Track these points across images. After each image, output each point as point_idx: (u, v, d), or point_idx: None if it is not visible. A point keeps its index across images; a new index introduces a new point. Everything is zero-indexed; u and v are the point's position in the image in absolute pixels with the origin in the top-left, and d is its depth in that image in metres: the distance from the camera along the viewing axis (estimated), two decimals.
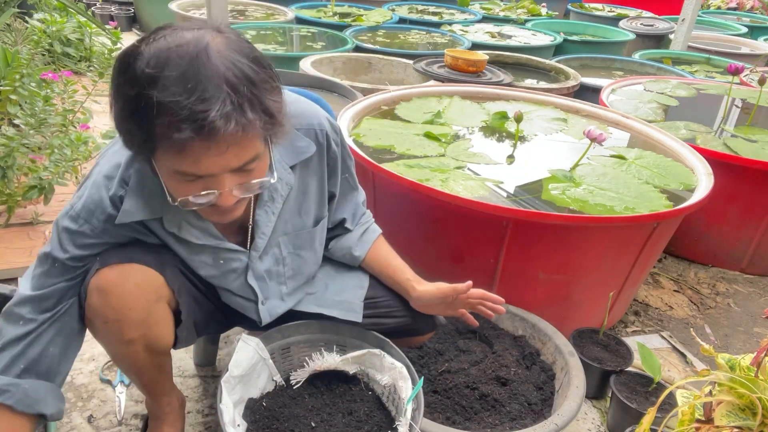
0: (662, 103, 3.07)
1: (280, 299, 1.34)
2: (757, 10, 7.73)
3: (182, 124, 0.84)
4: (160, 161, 0.94)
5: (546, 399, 1.55)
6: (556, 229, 1.74)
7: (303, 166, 1.24)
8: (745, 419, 1.04)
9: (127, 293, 1.10)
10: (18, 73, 2.11)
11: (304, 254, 1.33)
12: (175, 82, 0.84)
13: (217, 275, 1.25)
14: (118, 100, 0.90)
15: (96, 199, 1.08)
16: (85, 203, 1.09)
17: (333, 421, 1.32)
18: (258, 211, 1.20)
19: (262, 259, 1.27)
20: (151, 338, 1.18)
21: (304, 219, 1.30)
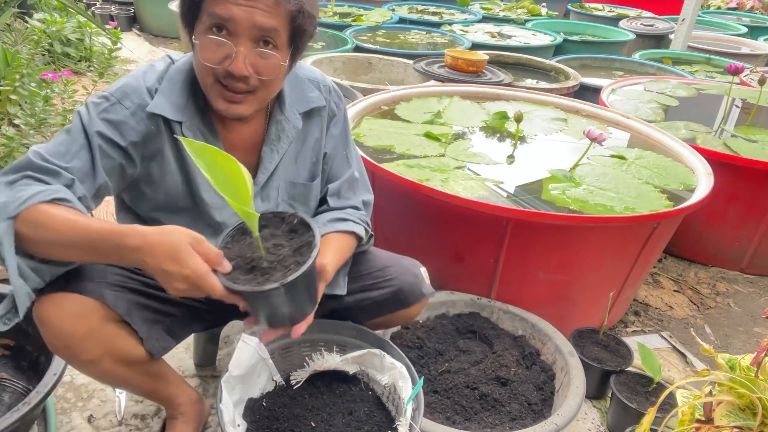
0: (662, 103, 3.07)
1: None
2: (757, 10, 7.73)
3: None
4: (200, 21, 1.08)
5: (546, 399, 1.55)
6: (556, 229, 1.74)
7: (308, 116, 1.31)
8: (745, 419, 1.04)
9: (64, 322, 1.09)
10: (18, 73, 2.11)
11: (297, 206, 1.36)
12: None
13: (217, 205, 1.26)
14: None
15: (133, 85, 1.15)
16: (120, 86, 1.14)
17: (333, 421, 1.32)
18: (264, 148, 1.26)
19: (261, 198, 1.30)
20: (117, 353, 1.17)
21: (299, 168, 1.33)
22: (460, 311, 1.83)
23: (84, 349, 1.12)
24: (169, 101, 1.16)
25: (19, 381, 1.52)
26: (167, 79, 1.17)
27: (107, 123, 1.12)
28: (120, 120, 1.12)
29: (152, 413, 1.58)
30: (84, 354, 1.13)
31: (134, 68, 2.39)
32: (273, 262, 1.00)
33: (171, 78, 1.17)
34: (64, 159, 1.08)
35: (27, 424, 1.36)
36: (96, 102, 1.13)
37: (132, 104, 1.13)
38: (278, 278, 0.96)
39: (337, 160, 1.39)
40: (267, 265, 0.99)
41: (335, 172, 1.40)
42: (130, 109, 1.13)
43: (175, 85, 1.17)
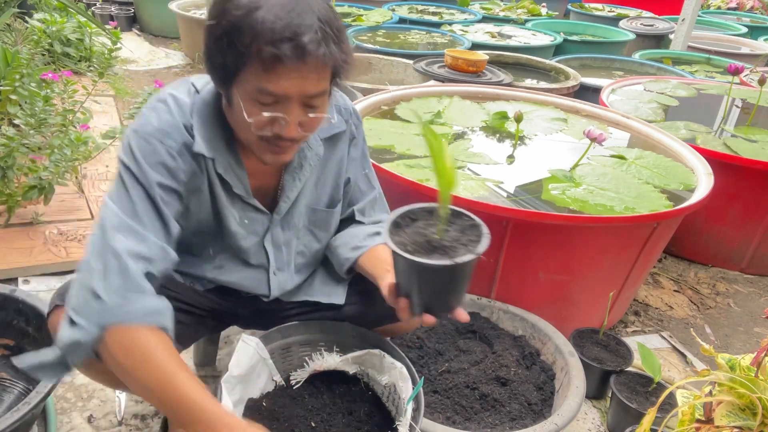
0: (662, 103, 3.07)
1: (289, 274, 1.36)
2: (757, 10, 7.73)
3: (281, 42, 0.95)
4: (242, 83, 1.02)
5: (546, 399, 1.55)
6: (556, 229, 1.74)
7: (329, 141, 1.29)
8: (745, 419, 1.04)
9: None
10: (18, 73, 2.11)
11: (318, 233, 1.35)
12: (278, 8, 0.96)
13: (240, 235, 1.25)
14: (217, 23, 1.00)
15: (170, 122, 1.10)
16: (157, 126, 1.09)
17: (333, 421, 1.32)
18: (285, 176, 1.25)
19: (282, 227, 1.29)
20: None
21: (320, 193, 1.32)
22: None
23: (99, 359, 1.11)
24: (204, 139, 1.13)
25: (19, 381, 1.52)
26: (197, 115, 1.13)
27: (159, 168, 1.08)
28: (168, 163, 1.09)
29: (152, 413, 1.58)
30: (98, 363, 1.10)
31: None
32: (452, 241, 1.01)
33: (200, 113, 1.14)
34: (141, 224, 1.05)
35: (27, 424, 1.36)
36: (139, 146, 1.08)
37: (175, 143, 1.10)
38: (465, 253, 0.98)
39: (359, 182, 1.39)
40: (449, 244, 1.00)
41: (358, 195, 1.40)
42: (175, 149, 1.10)
43: (205, 121, 1.14)
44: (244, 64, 0.99)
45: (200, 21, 4.53)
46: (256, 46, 0.96)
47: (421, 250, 1.00)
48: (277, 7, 0.96)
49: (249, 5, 0.96)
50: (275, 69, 0.98)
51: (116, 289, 0.97)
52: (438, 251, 0.99)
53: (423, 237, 1.02)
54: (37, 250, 2.11)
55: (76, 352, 0.98)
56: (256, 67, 0.98)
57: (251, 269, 1.32)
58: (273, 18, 0.95)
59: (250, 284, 1.33)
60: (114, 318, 0.96)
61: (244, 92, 1.03)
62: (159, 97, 1.14)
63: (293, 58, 0.96)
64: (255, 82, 1.00)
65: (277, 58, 0.96)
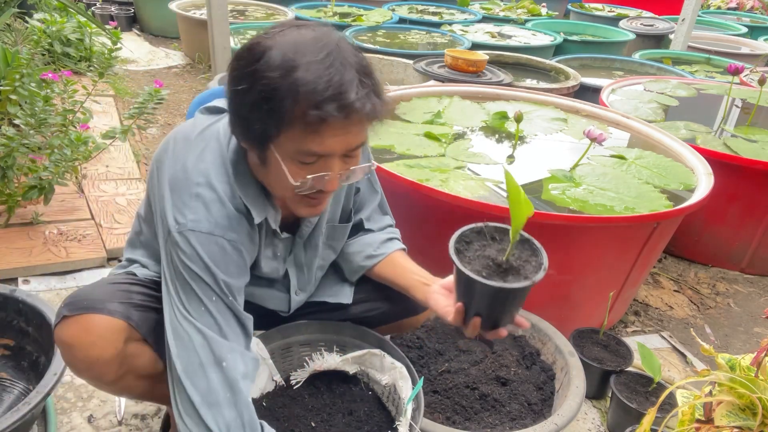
0: (662, 103, 3.07)
1: (305, 291, 1.36)
2: (757, 10, 7.73)
3: (325, 103, 0.91)
4: (282, 144, 0.97)
5: (546, 399, 1.55)
6: (556, 229, 1.74)
7: None
8: (745, 419, 1.04)
9: (90, 346, 1.07)
10: (18, 73, 2.11)
11: (335, 245, 1.36)
12: (316, 66, 0.92)
13: (272, 269, 1.25)
14: (249, 87, 0.94)
15: (223, 212, 1.05)
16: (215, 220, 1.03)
17: (333, 421, 1.32)
18: None
19: (305, 247, 1.29)
20: (137, 369, 1.16)
21: (336, 208, 1.32)
22: None
23: (108, 371, 1.11)
24: (254, 205, 1.10)
25: (19, 381, 1.52)
26: (239, 184, 1.08)
27: (231, 270, 1.05)
28: (237, 259, 1.06)
29: (152, 413, 1.58)
30: (108, 375, 1.12)
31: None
32: (516, 261, 1.10)
33: (241, 181, 1.08)
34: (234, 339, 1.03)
35: (27, 424, 1.36)
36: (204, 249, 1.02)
37: (236, 235, 1.06)
38: (532, 270, 1.07)
39: (364, 189, 1.39)
40: (516, 264, 1.09)
41: (364, 201, 1.40)
42: (237, 241, 1.06)
43: (248, 186, 1.09)
44: (286, 127, 0.95)
45: (200, 21, 4.53)
46: (300, 109, 0.92)
47: (494, 274, 1.07)
48: (315, 65, 0.92)
49: (285, 66, 0.92)
50: (320, 130, 0.94)
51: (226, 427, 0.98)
52: (511, 272, 1.08)
53: (488, 260, 1.10)
54: (37, 250, 2.11)
55: None
56: (299, 129, 0.94)
57: (273, 287, 1.32)
58: (314, 78, 0.91)
59: (270, 302, 1.33)
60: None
61: (285, 153, 0.99)
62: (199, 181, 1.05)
63: (339, 118, 0.93)
64: (298, 143, 0.96)
65: (323, 119, 0.92)
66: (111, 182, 2.66)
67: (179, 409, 1.00)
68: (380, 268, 1.35)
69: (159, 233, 1.09)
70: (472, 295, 1.10)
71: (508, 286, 1.04)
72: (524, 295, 1.09)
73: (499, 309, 1.11)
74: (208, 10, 3.36)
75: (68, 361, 1.12)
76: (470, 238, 1.15)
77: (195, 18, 4.67)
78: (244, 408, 1.00)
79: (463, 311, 1.13)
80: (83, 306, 1.09)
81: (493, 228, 1.16)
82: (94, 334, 1.07)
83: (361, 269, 1.37)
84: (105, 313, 1.09)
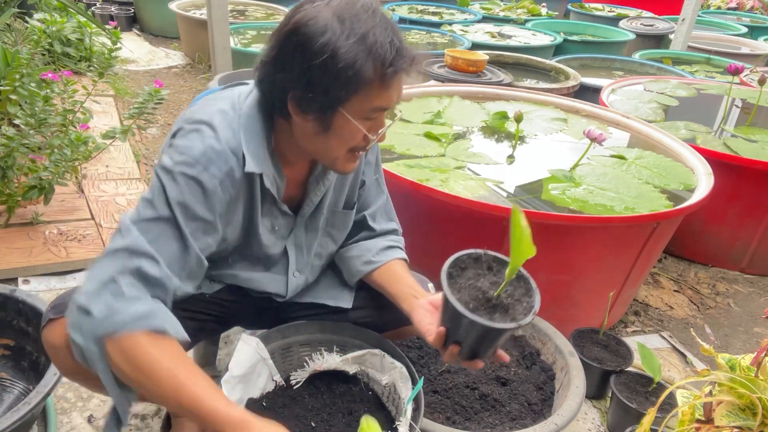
0: (662, 103, 3.07)
1: (306, 275, 1.37)
2: (757, 10, 7.73)
3: (397, 59, 1.01)
4: (354, 106, 1.04)
5: (546, 399, 1.55)
6: (556, 229, 1.74)
7: None
8: (745, 419, 1.04)
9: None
10: (18, 73, 2.11)
11: (335, 234, 1.36)
12: (379, 30, 1.01)
13: (270, 243, 1.26)
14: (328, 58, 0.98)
15: (217, 148, 1.05)
16: (203, 150, 1.03)
17: (333, 421, 1.32)
18: (311, 180, 1.25)
19: (306, 228, 1.30)
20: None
21: (339, 195, 1.33)
22: None
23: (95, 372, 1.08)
24: (253, 155, 1.10)
25: (19, 381, 1.52)
26: (245, 131, 1.09)
27: (196, 197, 1.03)
28: (210, 191, 1.04)
29: (152, 413, 1.58)
30: (96, 378, 1.08)
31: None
32: (508, 298, 1.06)
33: (247, 129, 1.10)
34: (155, 245, 0.99)
35: (27, 424, 1.36)
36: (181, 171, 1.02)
37: (220, 172, 1.05)
38: (522, 312, 1.04)
39: (372, 188, 1.39)
40: (507, 302, 1.06)
41: (369, 199, 1.40)
42: (218, 178, 1.05)
43: (252, 136, 1.10)
44: (364, 88, 1.01)
45: (200, 21, 4.53)
46: (378, 69, 1.00)
47: (481, 307, 1.05)
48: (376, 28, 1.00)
49: (354, 32, 0.99)
50: (389, 85, 1.04)
51: (105, 302, 0.93)
52: (498, 310, 1.05)
53: (479, 292, 1.07)
54: (37, 250, 2.11)
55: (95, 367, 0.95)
56: (374, 88, 1.02)
57: (271, 270, 1.32)
58: (381, 39, 1.00)
59: (268, 284, 1.33)
60: (104, 330, 0.92)
61: (355, 113, 1.05)
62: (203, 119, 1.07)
63: (406, 71, 1.05)
64: (370, 101, 1.04)
65: (396, 74, 1.03)
66: (111, 182, 2.66)
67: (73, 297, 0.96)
68: (377, 274, 1.34)
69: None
70: (455, 324, 1.07)
71: (493, 325, 1.01)
72: (508, 335, 1.07)
73: (480, 343, 1.08)
74: (208, 10, 3.36)
75: (55, 363, 1.10)
76: (466, 264, 1.12)
77: (195, 18, 4.67)
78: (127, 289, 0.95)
79: (444, 336, 1.11)
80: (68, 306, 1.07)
81: (491, 257, 1.12)
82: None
83: (359, 274, 1.37)
84: None
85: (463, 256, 1.12)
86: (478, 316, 1.01)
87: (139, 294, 0.96)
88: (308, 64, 0.99)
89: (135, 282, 0.96)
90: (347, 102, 1.03)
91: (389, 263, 1.34)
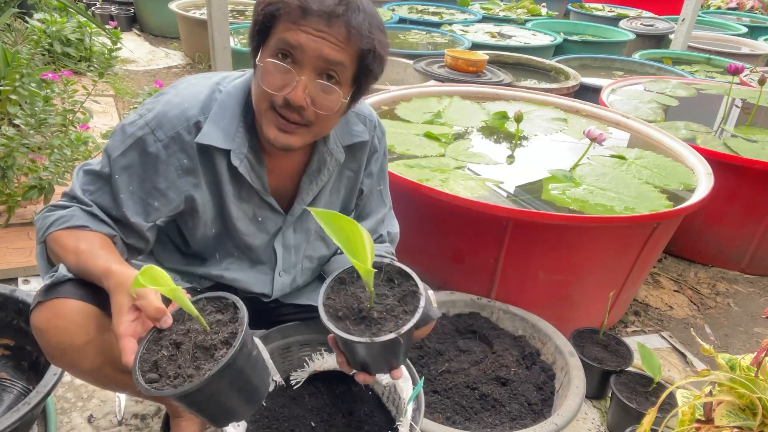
0: (662, 103, 3.07)
1: (293, 276, 1.35)
2: (757, 10, 7.73)
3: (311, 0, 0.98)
4: (267, 45, 1.04)
5: (546, 399, 1.55)
6: (556, 229, 1.74)
7: (350, 150, 1.28)
8: (745, 419, 1.04)
9: (61, 330, 1.06)
10: (18, 73, 2.11)
11: (327, 239, 1.34)
12: None
13: (251, 233, 1.25)
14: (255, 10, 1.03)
15: (170, 115, 1.09)
16: (158, 112, 1.08)
17: (333, 422, 1.32)
18: (303, 179, 1.24)
19: (295, 228, 1.29)
20: (117, 360, 1.10)
21: (333, 199, 1.32)
22: (460, 311, 1.83)
23: (83, 359, 1.09)
24: (219, 128, 1.11)
25: (19, 381, 1.52)
26: (218, 105, 1.12)
27: (140, 158, 1.08)
28: (152, 153, 1.08)
29: (152, 413, 1.58)
30: (83, 363, 1.10)
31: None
32: (382, 312, 0.99)
33: (222, 104, 1.12)
34: (93, 195, 1.12)
35: (27, 424, 1.36)
36: (130, 131, 1.08)
37: (165, 136, 1.08)
38: (391, 328, 0.96)
39: (373, 198, 1.38)
40: (377, 316, 0.98)
41: (369, 210, 1.39)
42: (162, 142, 1.08)
43: (225, 111, 1.12)
44: (274, 24, 1.02)
45: (200, 21, 4.53)
46: (289, 6, 0.99)
47: (349, 316, 0.98)
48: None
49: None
50: (298, 21, 0.99)
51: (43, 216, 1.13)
52: (365, 322, 0.97)
53: (357, 301, 1.00)
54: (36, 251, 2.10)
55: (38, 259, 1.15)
56: (281, 23, 1.01)
57: (257, 269, 1.31)
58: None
59: (254, 284, 1.32)
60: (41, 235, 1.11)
61: (267, 52, 1.04)
62: (176, 86, 1.14)
63: (317, 15, 0.98)
64: (278, 34, 1.02)
65: (304, 10, 0.98)
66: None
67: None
68: None
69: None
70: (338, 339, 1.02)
71: (345, 337, 0.94)
72: (383, 350, 0.99)
73: (357, 356, 1.03)
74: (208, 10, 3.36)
75: (42, 347, 1.10)
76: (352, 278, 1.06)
77: (195, 18, 4.68)
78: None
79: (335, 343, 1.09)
80: (56, 291, 1.08)
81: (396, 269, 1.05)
82: (64, 319, 1.06)
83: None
84: (77, 298, 1.07)
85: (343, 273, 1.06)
86: (335, 326, 0.96)
87: (68, 205, 1.12)
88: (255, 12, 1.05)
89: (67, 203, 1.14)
90: (265, 45, 1.04)
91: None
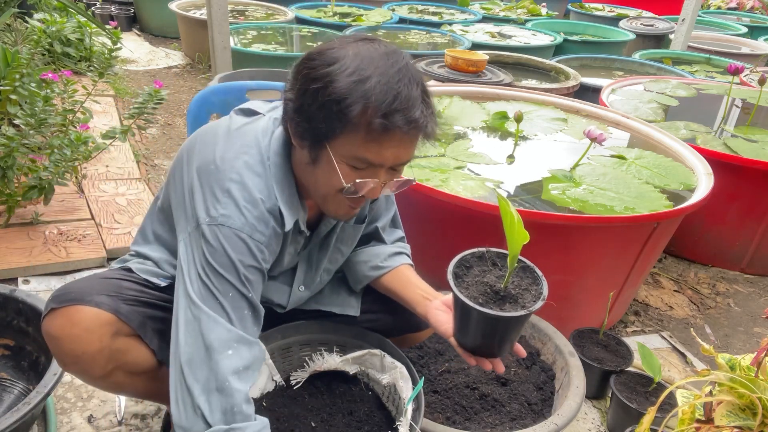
0: (662, 103, 3.07)
1: (308, 289, 1.36)
2: (757, 10, 7.73)
3: (393, 114, 0.97)
4: (340, 147, 1.01)
5: (546, 399, 1.55)
6: (556, 229, 1.74)
7: None
8: (745, 419, 1.04)
9: (75, 338, 1.06)
10: (18, 73, 2.11)
11: (343, 248, 1.35)
12: (388, 78, 0.97)
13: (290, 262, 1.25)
14: (323, 87, 0.98)
15: (255, 213, 1.06)
16: (247, 219, 1.05)
17: (333, 421, 1.32)
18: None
19: (320, 246, 1.30)
20: (127, 365, 1.15)
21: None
22: None
23: (95, 365, 1.09)
24: (288, 208, 1.12)
25: (19, 381, 1.52)
26: (278, 184, 1.10)
27: (252, 269, 1.06)
28: (259, 258, 1.07)
29: (152, 413, 1.58)
30: (95, 370, 1.10)
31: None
32: (516, 288, 1.08)
33: (280, 182, 1.11)
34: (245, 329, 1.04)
35: (27, 424, 1.36)
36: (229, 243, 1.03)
37: (263, 237, 1.07)
38: (530, 301, 1.06)
39: (382, 200, 1.39)
40: (515, 292, 1.07)
41: (380, 212, 1.40)
42: (263, 242, 1.08)
43: (285, 189, 1.11)
44: (349, 130, 0.98)
45: (200, 21, 4.53)
46: (367, 115, 0.96)
47: (491, 301, 1.06)
48: (387, 77, 0.97)
49: (359, 73, 0.97)
50: (380, 139, 0.99)
51: (222, 413, 0.98)
52: (508, 300, 1.06)
53: (486, 286, 1.08)
54: (37, 250, 2.11)
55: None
56: (361, 135, 0.98)
57: (278, 279, 1.31)
58: (385, 89, 0.96)
59: (272, 293, 1.32)
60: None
61: (340, 155, 1.02)
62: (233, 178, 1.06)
63: (403, 130, 0.98)
64: (356, 148, 1.00)
65: (387, 129, 0.97)
66: (111, 182, 2.66)
67: (177, 397, 1.00)
68: (385, 279, 1.34)
69: (181, 223, 1.09)
70: (467, 321, 1.08)
71: (503, 315, 1.02)
72: (521, 324, 1.08)
73: (495, 336, 1.10)
74: (208, 10, 3.36)
75: (55, 354, 1.10)
76: (470, 263, 1.14)
77: (195, 18, 4.67)
78: (241, 399, 1.00)
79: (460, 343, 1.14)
80: (70, 298, 1.07)
81: (494, 253, 1.15)
82: (80, 326, 1.06)
83: (366, 279, 1.36)
84: (92, 305, 1.07)
85: (467, 255, 1.14)
86: (488, 308, 1.03)
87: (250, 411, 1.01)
88: (305, 89, 1.00)
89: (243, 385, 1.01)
90: (333, 139, 1.01)
91: (398, 268, 1.34)
